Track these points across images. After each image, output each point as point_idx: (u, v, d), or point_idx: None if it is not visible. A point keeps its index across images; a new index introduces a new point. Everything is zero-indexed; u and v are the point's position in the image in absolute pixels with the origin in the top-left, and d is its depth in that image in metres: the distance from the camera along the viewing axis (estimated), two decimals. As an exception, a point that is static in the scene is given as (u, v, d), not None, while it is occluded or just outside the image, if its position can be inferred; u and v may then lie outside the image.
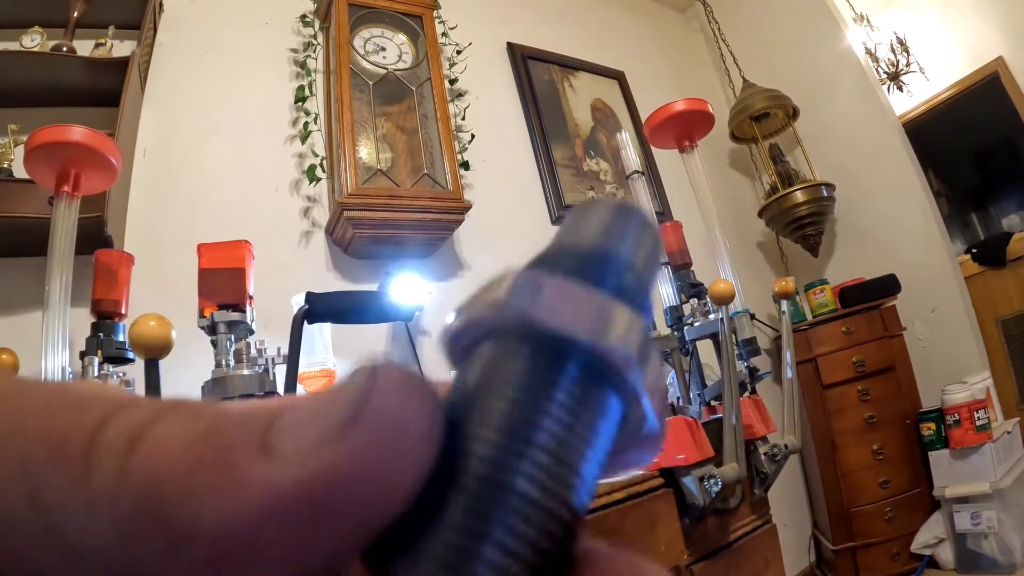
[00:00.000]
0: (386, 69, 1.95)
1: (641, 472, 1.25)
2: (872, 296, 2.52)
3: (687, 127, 1.74)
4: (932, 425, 2.27)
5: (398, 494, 0.10)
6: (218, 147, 1.77)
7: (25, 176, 1.22)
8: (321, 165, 1.84)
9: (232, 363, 1.02)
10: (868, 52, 3.28)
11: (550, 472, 0.11)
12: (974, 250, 3.17)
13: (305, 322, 1.06)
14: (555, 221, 2.32)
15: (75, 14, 1.60)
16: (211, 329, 1.04)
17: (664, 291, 1.55)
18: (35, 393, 0.11)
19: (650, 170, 2.64)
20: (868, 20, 3.40)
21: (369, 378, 0.11)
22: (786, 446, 1.40)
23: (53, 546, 0.10)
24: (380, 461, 0.10)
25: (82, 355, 1.15)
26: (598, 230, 0.14)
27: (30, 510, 0.10)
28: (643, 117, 2.31)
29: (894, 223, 2.73)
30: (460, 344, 0.13)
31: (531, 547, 0.11)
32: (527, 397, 0.11)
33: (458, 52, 2.22)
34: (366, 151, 1.82)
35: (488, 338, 0.13)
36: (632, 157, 1.62)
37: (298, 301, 1.14)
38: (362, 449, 0.10)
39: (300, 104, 1.88)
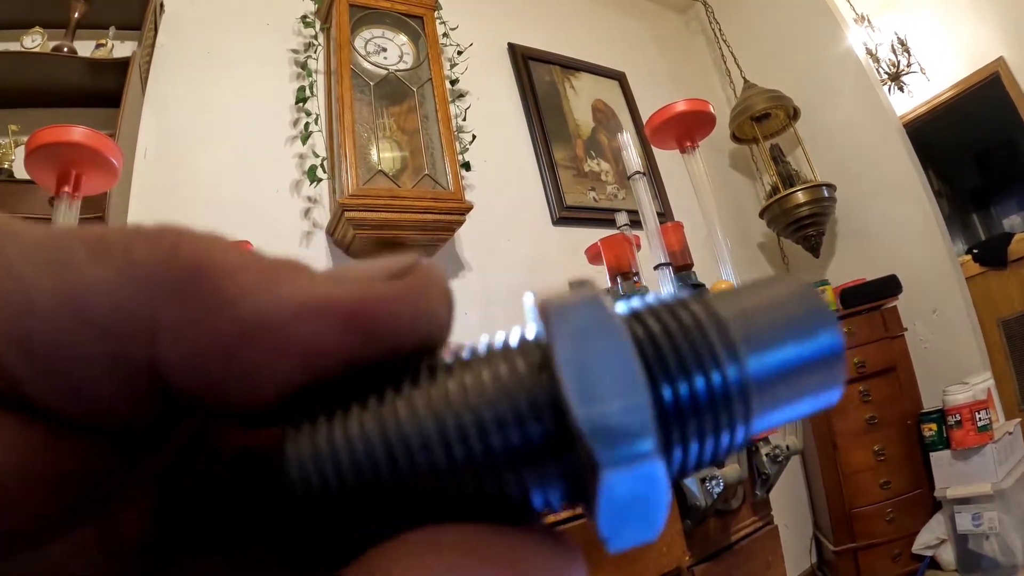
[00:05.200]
0: (387, 70, 1.95)
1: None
2: (873, 297, 2.52)
3: (688, 128, 1.74)
4: (933, 426, 2.26)
5: (417, 335, 0.11)
6: (219, 148, 1.77)
7: (26, 177, 1.22)
8: (322, 166, 1.84)
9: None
10: (869, 52, 3.28)
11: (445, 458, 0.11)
12: (975, 251, 3.16)
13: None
14: (556, 222, 2.32)
15: (75, 15, 1.60)
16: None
17: (666, 292, 1.55)
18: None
19: (651, 171, 2.64)
20: (869, 21, 3.40)
21: (416, 258, 0.12)
22: (787, 447, 1.40)
23: (74, 321, 0.10)
24: (419, 305, 0.11)
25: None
26: (756, 313, 0.11)
27: (57, 292, 0.10)
28: (644, 118, 2.32)
29: (895, 224, 2.73)
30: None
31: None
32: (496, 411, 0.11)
33: (459, 53, 2.22)
34: (367, 152, 1.82)
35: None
36: (633, 158, 1.61)
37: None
38: (409, 291, 0.11)
39: (301, 105, 1.88)
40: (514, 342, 0.12)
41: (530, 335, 0.12)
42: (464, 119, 2.12)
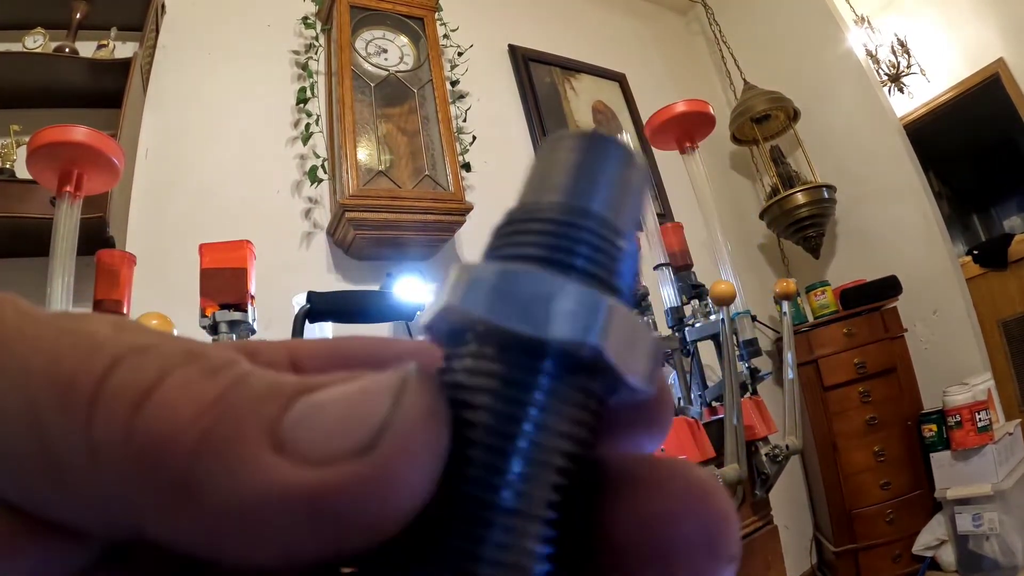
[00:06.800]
0: (387, 71, 1.96)
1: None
2: (873, 298, 2.52)
3: (688, 128, 1.74)
4: (933, 427, 2.26)
5: (400, 516, 0.10)
6: (220, 148, 1.78)
7: (27, 177, 1.22)
8: (323, 166, 1.84)
9: (234, 363, 1.02)
10: (869, 54, 3.28)
11: (532, 480, 0.11)
12: (975, 252, 3.16)
13: (307, 321, 1.06)
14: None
15: (77, 15, 1.61)
16: (213, 329, 1.04)
17: (665, 292, 1.55)
18: (46, 330, 0.11)
19: (651, 171, 2.64)
20: (869, 22, 3.41)
21: (396, 397, 0.10)
22: (787, 447, 1.40)
23: (57, 484, 0.10)
24: (390, 488, 0.10)
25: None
26: (563, 181, 0.13)
27: (37, 447, 0.10)
28: (644, 119, 2.32)
29: (895, 225, 2.73)
30: (438, 336, 0.13)
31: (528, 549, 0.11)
32: (502, 406, 0.11)
33: (459, 54, 2.23)
34: (367, 152, 1.82)
35: (459, 338, 0.12)
36: (633, 158, 1.62)
37: (299, 301, 1.14)
38: (376, 473, 0.10)
39: (302, 106, 1.88)
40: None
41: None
42: (464, 120, 2.13)
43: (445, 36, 2.19)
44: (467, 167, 1.98)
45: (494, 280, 0.11)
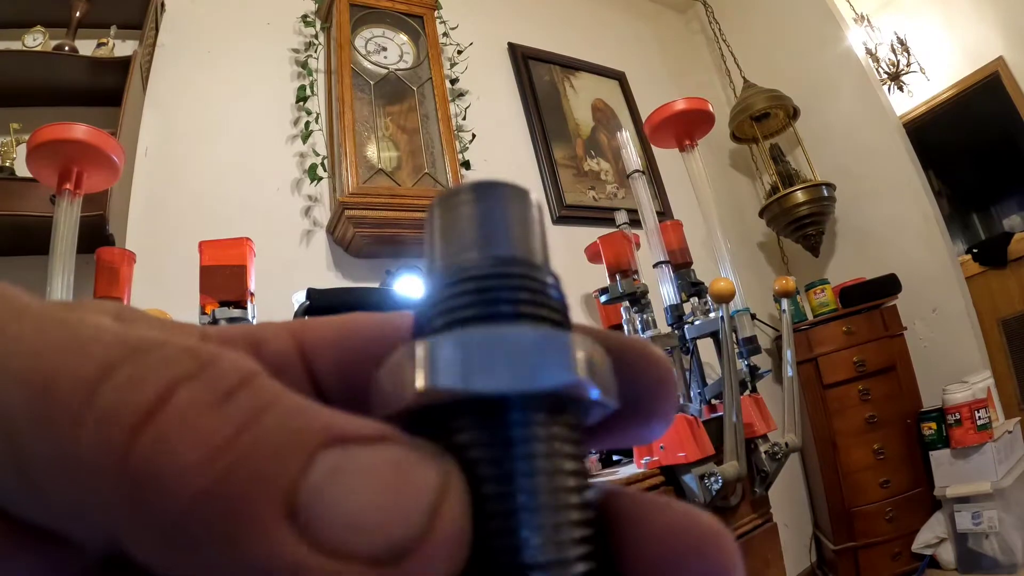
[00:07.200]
0: (387, 69, 1.96)
1: (642, 471, 1.25)
2: (873, 296, 2.52)
3: (687, 126, 1.74)
4: (933, 425, 2.26)
5: None
6: (219, 146, 1.78)
7: (27, 175, 1.22)
8: (322, 164, 1.84)
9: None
10: (869, 52, 3.28)
11: (560, 528, 0.11)
12: (975, 250, 3.17)
13: (306, 319, 1.06)
14: (556, 221, 2.33)
15: (77, 14, 1.61)
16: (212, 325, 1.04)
17: (665, 290, 1.55)
18: (31, 322, 0.10)
19: (651, 169, 2.64)
20: (869, 20, 3.41)
21: (434, 507, 0.09)
22: (786, 445, 1.40)
23: (31, 492, 0.09)
24: None
25: (84, 353, 1.15)
26: (474, 236, 0.13)
27: (6, 452, 0.09)
28: (643, 117, 2.32)
29: (895, 223, 2.73)
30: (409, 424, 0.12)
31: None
32: (511, 466, 0.11)
33: (459, 52, 2.23)
34: (367, 150, 1.82)
35: (433, 421, 0.12)
36: (633, 156, 1.62)
37: (299, 299, 1.14)
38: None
39: (301, 104, 1.88)
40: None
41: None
42: (464, 118, 2.13)
43: (445, 34, 2.19)
44: (467, 165, 1.99)
45: (459, 352, 0.11)
